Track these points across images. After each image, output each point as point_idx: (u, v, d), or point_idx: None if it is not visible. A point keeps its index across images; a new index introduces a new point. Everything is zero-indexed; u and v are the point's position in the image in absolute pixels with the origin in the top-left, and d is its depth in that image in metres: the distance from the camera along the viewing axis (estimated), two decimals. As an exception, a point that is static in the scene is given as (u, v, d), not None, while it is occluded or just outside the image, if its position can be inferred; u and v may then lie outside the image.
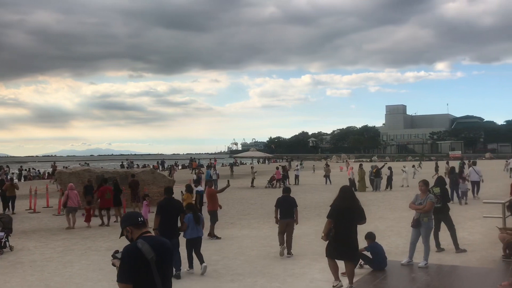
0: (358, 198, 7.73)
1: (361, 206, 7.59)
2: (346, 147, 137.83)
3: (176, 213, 8.83)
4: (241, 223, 15.97)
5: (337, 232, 7.26)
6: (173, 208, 8.83)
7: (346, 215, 7.28)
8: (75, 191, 16.15)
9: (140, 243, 3.55)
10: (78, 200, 16.08)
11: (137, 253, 3.50)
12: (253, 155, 56.74)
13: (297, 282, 8.45)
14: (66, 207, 15.80)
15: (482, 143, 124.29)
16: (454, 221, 10.74)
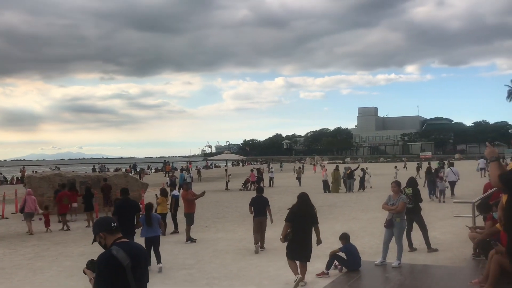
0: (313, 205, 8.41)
1: (315, 211, 8.27)
2: (319, 149, 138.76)
3: (133, 213, 9.22)
4: (216, 226, 15.90)
5: (294, 235, 7.90)
6: (129, 208, 9.21)
7: (302, 219, 7.96)
8: (33, 196, 16.16)
9: (115, 250, 3.46)
10: (36, 205, 15.99)
11: (113, 261, 3.41)
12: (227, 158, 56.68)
13: (273, 284, 8.46)
14: (23, 212, 15.76)
15: (451, 144, 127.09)
16: (426, 221, 10.94)
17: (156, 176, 54.76)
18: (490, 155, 4.31)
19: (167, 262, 10.33)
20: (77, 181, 21.11)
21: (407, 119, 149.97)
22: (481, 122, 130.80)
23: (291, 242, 7.94)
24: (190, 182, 29.01)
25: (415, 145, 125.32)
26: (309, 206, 8.17)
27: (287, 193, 27.79)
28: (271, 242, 12.41)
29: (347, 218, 16.72)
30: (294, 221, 7.98)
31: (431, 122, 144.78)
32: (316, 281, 8.28)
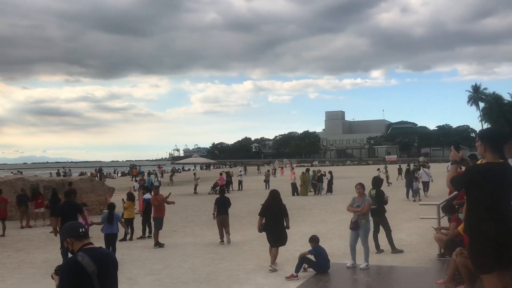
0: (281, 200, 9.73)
1: (284, 206, 9.68)
2: (288, 152, 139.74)
3: (75, 214, 9.87)
4: (184, 230, 15.73)
5: (267, 225, 9.39)
6: (72, 210, 9.89)
7: (273, 212, 9.41)
8: None
9: (80, 256, 3.34)
10: None
11: (77, 267, 3.29)
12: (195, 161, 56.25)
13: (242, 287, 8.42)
14: None
15: (416, 147, 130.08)
16: (392, 223, 11.14)
17: (122, 180, 53.90)
18: (452, 158, 4.43)
19: (134, 268, 10.17)
20: (41, 185, 20.53)
21: (373, 123, 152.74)
22: (444, 126, 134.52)
23: (267, 233, 9.39)
24: (159, 186, 28.66)
25: (381, 148, 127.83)
26: (278, 200, 9.54)
27: (255, 197, 27.82)
28: (240, 246, 12.40)
29: (316, 220, 16.86)
30: (267, 214, 9.43)
31: (396, 126, 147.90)
32: (286, 284, 8.29)
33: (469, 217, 4.35)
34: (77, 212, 10.05)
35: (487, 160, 4.24)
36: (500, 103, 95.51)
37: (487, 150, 4.21)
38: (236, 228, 15.89)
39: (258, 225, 9.54)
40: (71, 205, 10.09)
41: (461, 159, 4.36)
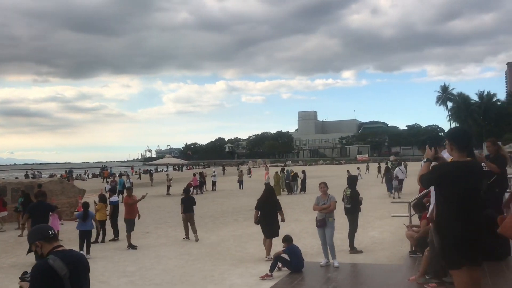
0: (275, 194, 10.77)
1: (278, 200, 10.66)
2: (261, 152, 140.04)
3: (46, 214, 10.35)
4: (157, 232, 15.56)
5: (262, 218, 10.14)
6: (43, 209, 10.22)
7: (267, 206, 10.22)
8: None
9: (52, 259, 3.26)
10: None
11: (49, 271, 3.21)
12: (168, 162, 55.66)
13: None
14: None
15: (386, 146, 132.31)
16: (364, 221, 11.30)
17: (93, 182, 52.99)
18: (425, 156, 4.53)
19: (107, 270, 10.01)
20: (8, 188, 19.98)
21: (345, 123, 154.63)
22: (414, 126, 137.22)
23: (262, 225, 10.18)
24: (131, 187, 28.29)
25: (353, 148, 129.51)
26: (273, 196, 10.60)
27: (229, 197, 27.80)
28: (215, 246, 12.36)
29: (289, 219, 16.89)
30: (262, 208, 10.19)
31: (367, 126, 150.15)
32: (260, 284, 8.30)
33: (438, 215, 4.46)
34: (49, 212, 10.49)
35: (455, 158, 4.34)
36: (468, 103, 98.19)
37: (454, 149, 4.32)
38: (210, 228, 15.84)
39: (255, 217, 10.29)
40: (42, 205, 10.28)
41: (434, 157, 4.45)
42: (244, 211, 19.89)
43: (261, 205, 10.30)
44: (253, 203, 10.32)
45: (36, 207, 10.18)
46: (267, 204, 10.28)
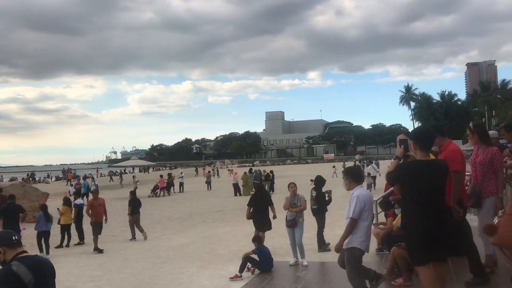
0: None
1: (269, 196, 11.17)
2: (229, 153, 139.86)
3: (17, 216, 10.92)
4: (123, 235, 15.28)
5: (254, 214, 10.51)
6: (15, 211, 10.93)
7: (259, 202, 10.56)
8: None
9: (16, 266, 3.14)
10: None
11: (13, 277, 3.10)
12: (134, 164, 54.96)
13: (186, 291, 8.30)
14: None
15: (352, 146, 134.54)
16: (331, 219, 11.41)
17: (57, 184, 51.65)
18: (396, 154, 4.63)
19: (72, 275, 9.77)
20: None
21: (311, 123, 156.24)
22: (378, 125, 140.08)
23: (254, 220, 10.53)
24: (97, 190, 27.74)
25: (319, 147, 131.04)
26: (264, 193, 11.04)
27: (197, 198, 27.62)
28: (183, 248, 12.24)
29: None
30: (254, 205, 10.50)
31: (333, 126, 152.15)
32: (230, 285, 8.27)
33: (404, 213, 4.56)
34: (20, 213, 11.12)
35: (418, 157, 4.45)
36: (430, 103, 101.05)
37: (417, 148, 4.43)
38: (178, 230, 15.70)
39: (247, 213, 10.61)
40: (13, 207, 11.00)
41: (403, 155, 4.54)
42: (213, 212, 19.80)
43: (253, 201, 10.60)
44: (222, 204, 10.32)
45: (8, 209, 10.80)
46: (258, 200, 10.56)
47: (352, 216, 5.25)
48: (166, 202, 27.05)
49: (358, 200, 5.24)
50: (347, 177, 5.56)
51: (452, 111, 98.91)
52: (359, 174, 5.76)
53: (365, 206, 5.24)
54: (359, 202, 5.23)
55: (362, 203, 5.24)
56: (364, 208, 5.24)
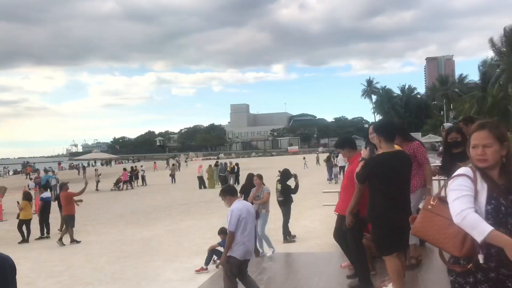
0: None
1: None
2: (193, 145, 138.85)
3: None
4: (86, 229, 14.98)
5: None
6: None
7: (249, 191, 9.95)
8: None
9: None
10: None
11: None
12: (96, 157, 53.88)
13: (151, 284, 8.24)
14: None
15: (315, 138, 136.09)
16: (297, 211, 11.56)
17: (15, 178, 50.02)
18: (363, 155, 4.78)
19: (33, 271, 9.51)
20: None
21: (276, 116, 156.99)
22: (341, 118, 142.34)
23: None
24: (56, 184, 27.03)
25: (284, 140, 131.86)
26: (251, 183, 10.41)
27: (161, 192, 27.34)
28: (147, 242, 12.13)
29: (224, 213, 16.83)
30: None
31: (297, 118, 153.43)
32: (195, 277, 8.26)
33: (371, 205, 4.67)
34: None
35: (383, 150, 4.56)
36: (390, 96, 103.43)
37: (381, 141, 4.53)
38: (142, 224, 15.52)
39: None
40: None
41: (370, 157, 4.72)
42: (177, 205, 19.66)
43: (243, 191, 10.39)
44: (187, 197, 10.18)
45: None
46: (248, 190, 10.35)
47: (229, 229, 5.66)
48: (129, 195, 26.67)
49: (233, 213, 5.63)
50: (224, 196, 6.01)
51: (412, 104, 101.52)
52: (233, 190, 6.23)
53: (240, 218, 5.62)
54: (234, 215, 5.62)
55: (237, 216, 5.62)
56: (240, 220, 5.62)
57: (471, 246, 2.31)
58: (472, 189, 2.36)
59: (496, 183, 2.36)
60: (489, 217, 2.30)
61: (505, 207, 2.30)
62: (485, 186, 2.36)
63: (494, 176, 2.39)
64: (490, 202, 2.32)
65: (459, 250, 2.34)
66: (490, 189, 2.34)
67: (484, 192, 2.35)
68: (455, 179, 2.44)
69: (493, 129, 2.40)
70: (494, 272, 2.31)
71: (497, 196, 2.32)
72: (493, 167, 2.40)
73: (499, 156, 2.38)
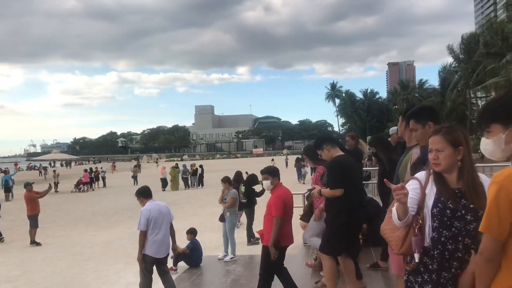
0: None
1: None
2: (157, 146, 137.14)
3: None
4: (44, 232, 14.49)
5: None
6: None
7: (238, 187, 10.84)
8: None
9: None
10: None
11: None
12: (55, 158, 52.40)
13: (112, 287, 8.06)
14: None
15: (280, 140, 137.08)
16: (261, 213, 11.51)
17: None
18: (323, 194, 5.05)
19: (-14, 277, 9.12)
20: None
21: (241, 118, 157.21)
22: (305, 121, 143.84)
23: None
24: (12, 185, 26.14)
25: (248, 142, 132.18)
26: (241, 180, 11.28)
27: (123, 194, 26.82)
28: (108, 245, 11.87)
29: (187, 214, 16.83)
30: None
31: (262, 121, 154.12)
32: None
33: (331, 206, 4.75)
34: None
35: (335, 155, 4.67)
36: (353, 100, 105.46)
37: (330, 149, 4.64)
38: (103, 226, 15.19)
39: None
40: None
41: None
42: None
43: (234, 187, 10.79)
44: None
45: None
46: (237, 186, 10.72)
47: (138, 228, 6.06)
48: (90, 197, 26.05)
49: (141, 214, 6.03)
50: (138, 197, 6.43)
51: (374, 108, 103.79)
52: (145, 192, 6.49)
53: (150, 218, 6.03)
54: (142, 215, 6.01)
55: (146, 216, 6.01)
56: (150, 220, 6.01)
57: (408, 247, 2.41)
58: (418, 192, 2.44)
59: (447, 187, 2.41)
60: (434, 219, 2.38)
61: (451, 210, 2.36)
62: (435, 189, 2.43)
63: (451, 180, 2.43)
64: (437, 205, 2.39)
65: (398, 249, 2.46)
66: (439, 192, 2.41)
67: (433, 195, 2.42)
68: (407, 182, 2.54)
69: (445, 134, 2.45)
70: (435, 273, 2.38)
71: (444, 200, 2.38)
72: (449, 171, 2.44)
73: (453, 160, 2.42)
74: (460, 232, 2.34)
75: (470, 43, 45.07)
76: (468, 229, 2.34)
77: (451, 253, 2.34)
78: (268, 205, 5.43)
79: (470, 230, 2.33)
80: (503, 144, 1.94)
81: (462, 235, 2.34)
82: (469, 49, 44.77)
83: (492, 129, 1.99)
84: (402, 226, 2.40)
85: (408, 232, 2.40)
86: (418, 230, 2.38)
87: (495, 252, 1.88)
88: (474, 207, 2.34)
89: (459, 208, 2.36)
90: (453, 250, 2.34)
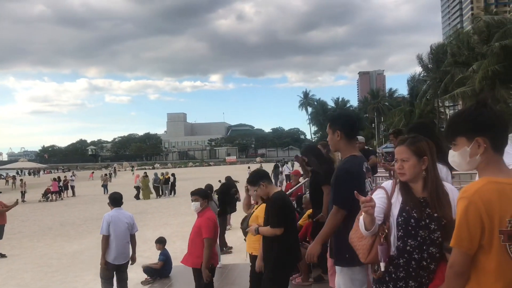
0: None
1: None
2: (128, 155, 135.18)
3: None
4: (10, 243, 14.08)
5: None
6: None
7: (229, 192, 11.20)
8: None
9: None
10: None
11: None
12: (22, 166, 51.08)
13: (80, 300, 7.88)
14: None
15: (253, 148, 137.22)
16: (235, 221, 11.53)
17: None
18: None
19: None
20: None
21: (214, 125, 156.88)
22: (278, 129, 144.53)
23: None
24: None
25: (222, 150, 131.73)
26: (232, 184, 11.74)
27: (92, 203, 26.34)
28: (77, 256, 11.63)
29: (158, 224, 16.64)
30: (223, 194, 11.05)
31: (235, 128, 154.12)
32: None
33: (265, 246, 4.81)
34: None
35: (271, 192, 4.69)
36: (325, 108, 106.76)
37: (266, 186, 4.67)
38: (72, 236, 14.87)
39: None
40: None
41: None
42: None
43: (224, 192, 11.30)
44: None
45: None
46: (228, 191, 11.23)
47: (100, 233, 6.40)
48: (58, 207, 25.45)
49: (103, 219, 6.40)
50: (108, 203, 6.72)
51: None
52: (115, 199, 6.70)
53: (109, 224, 6.34)
54: (105, 220, 6.36)
55: (107, 222, 6.34)
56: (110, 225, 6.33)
57: (375, 256, 2.43)
58: (384, 202, 2.47)
59: (412, 197, 2.45)
60: (399, 228, 2.42)
61: (415, 220, 2.39)
62: (401, 199, 2.47)
63: (417, 189, 2.47)
64: (401, 215, 2.42)
65: (365, 257, 2.48)
66: (404, 202, 2.44)
67: (399, 204, 2.46)
68: (373, 191, 2.59)
69: (410, 145, 2.49)
70: (402, 282, 2.41)
71: (409, 209, 2.42)
72: (415, 181, 2.48)
73: (418, 170, 2.46)
74: (425, 241, 2.38)
75: (438, 53, 46.20)
76: (433, 238, 2.37)
77: (417, 262, 2.38)
78: (196, 227, 5.46)
79: (434, 239, 2.37)
80: (468, 157, 1.98)
81: (427, 244, 2.37)
82: (438, 59, 45.90)
83: (458, 142, 2.02)
84: (369, 235, 2.43)
85: (375, 241, 2.43)
86: (384, 239, 2.41)
87: (465, 266, 1.91)
88: (438, 216, 2.38)
89: (423, 217, 2.39)
90: (419, 259, 2.37)
